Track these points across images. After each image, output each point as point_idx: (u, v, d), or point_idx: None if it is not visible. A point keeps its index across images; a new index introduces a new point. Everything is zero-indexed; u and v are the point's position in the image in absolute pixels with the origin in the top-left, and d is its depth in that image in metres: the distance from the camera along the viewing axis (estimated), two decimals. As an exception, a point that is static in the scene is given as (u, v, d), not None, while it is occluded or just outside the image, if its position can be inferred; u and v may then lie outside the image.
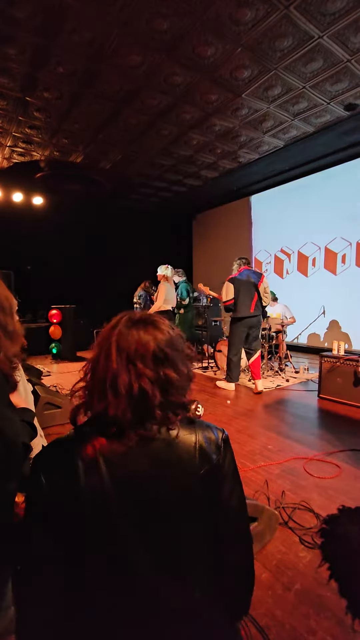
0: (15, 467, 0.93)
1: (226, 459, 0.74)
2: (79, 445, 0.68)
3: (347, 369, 3.86)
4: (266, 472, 2.45)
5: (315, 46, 3.32)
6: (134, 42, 3.26)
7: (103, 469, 0.66)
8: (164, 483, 0.68)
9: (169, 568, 0.67)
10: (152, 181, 7.06)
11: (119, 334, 0.72)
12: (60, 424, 3.41)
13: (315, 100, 4.23)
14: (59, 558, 0.66)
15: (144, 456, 0.68)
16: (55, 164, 6.12)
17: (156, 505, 0.68)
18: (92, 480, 0.65)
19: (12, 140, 5.23)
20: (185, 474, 0.70)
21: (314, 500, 2.10)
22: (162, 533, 0.68)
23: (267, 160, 6.07)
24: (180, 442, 0.71)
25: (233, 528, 0.75)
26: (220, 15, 2.96)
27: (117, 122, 4.74)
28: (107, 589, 0.65)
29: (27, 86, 3.91)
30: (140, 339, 0.71)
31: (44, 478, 0.67)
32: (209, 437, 0.74)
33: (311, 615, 1.38)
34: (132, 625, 0.66)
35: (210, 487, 0.71)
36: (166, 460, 0.69)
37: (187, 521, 0.69)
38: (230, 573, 0.75)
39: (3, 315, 0.95)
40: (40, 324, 7.09)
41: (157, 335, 0.73)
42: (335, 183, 6.14)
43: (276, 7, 2.87)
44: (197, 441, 0.72)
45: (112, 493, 0.65)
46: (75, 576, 0.66)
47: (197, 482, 0.70)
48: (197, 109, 4.45)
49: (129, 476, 0.67)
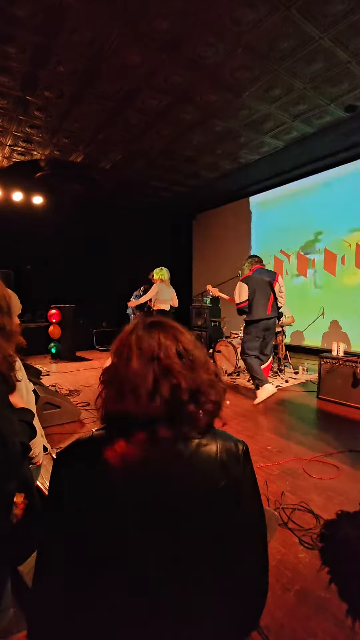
0: (14, 467, 0.93)
1: (246, 472, 0.74)
2: (100, 446, 0.69)
3: (346, 370, 3.86)
4: (266, 472, 2.45)
5: (315, 47, 3.32)
6: (134, 42, 3.26)
7: (122, 471, 0.67)
8: (182, 490, 0.68)
9: (178, 572, 0.68)
10: (152, 181, 7.06)
11: (139, 338, 0.72)
12: (59, 423, 3.40)
13: (316, 101, 4.24)
14: (73, 554, 0.68)
15: (165, 462, 0.68)
16: (56, 164, 6.12)
17: (172, 511, 0.68)
18: (112, 481, 0.67)
19: (12, 139, 5.22)
20: (203, 484, 0.69)
21: (313, 501, 2.10)
22: (174, 538, 0.68)
23: (267, 160, 6.07)
24: (202, 451, 0.71)
25: (249, 541, 0.74)
26: (221, 15, 2.96)
27: (118, 121, 4.74)
28: (117, 588, 0.66)
29: (28, 85, 3.91)
30: (161, 341, 0.71)
31: (65, 475, 0.69)
32: (229, 448, 0.73)
33: (311, 616, 1.38)
34: (136, 625, 0.67)
35: (227, 500, 0.71)
36: (186, 469, 0.69)
37: (200, 532, 0.69)
38: (243, 583, 0.74)
39: (0, 314, 0.94)
40: (39, 324, 7.08)
41: (178, 337, 0.73)
42: (335, 184, 6.15)
43: (277, 8, 2.88)
44: (217, 452, 0.72)
45: (129, 495, 0.67)
46: (85, 574, 0.67)
47: (215, 495, 0.69)
48: (198, 110, 4.45)
49: (147, 480, 0.68)
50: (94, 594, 0.67)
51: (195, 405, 0.71)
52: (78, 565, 0.68)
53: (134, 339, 0.72)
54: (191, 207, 8.99)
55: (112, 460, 0.67)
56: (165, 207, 8.82)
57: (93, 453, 0.69)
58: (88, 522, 0.67)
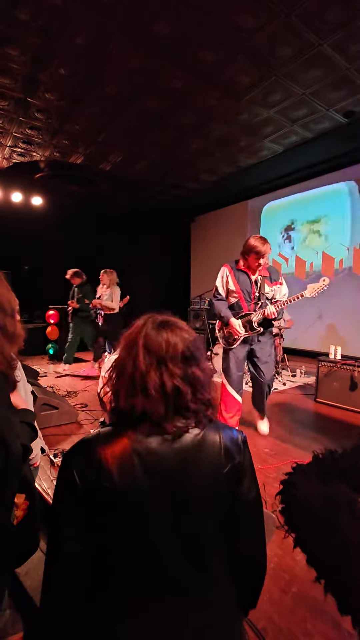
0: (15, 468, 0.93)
1: (246, 457, 0.80)
2: (110, 442, 0.73)
3: (343, 373, 3.88)
4: (263, 475, 2.46)
5: (315, 54, 3.36)
6: (135, 46, 3.29)
7: (136, 464, 0.70)
8: (192, 478, 0.73)
9: (191, 557, 0.72)
10: (152, 184, 7.08)
11: (147, 336, 0.76)
12: (57, 425, 3.40)
13: (315, 107, 4.28)
14: (88, 547, 0.71)
15: (174, 452, 0.73)
16: (55, 165, 6.13)
17: (184, 499, 0.72)
18: (125, 474, 0.70)
19: (12, 140, 5.23)
20: (211, 470, 0.75)
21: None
22: (187, 524, 0.72)
23: (266, 165, 6.11)
24: (207, 440, 0.76)
25: (251, 519, 0.81)
26: (221, 21, 2.99)
27: (118, 124, 4.76)
28: (129, 574, 0.70)
29: (29, 87, 3.92)
30: (169, 340, 0.75)
31: (77, 474, 0.71)
32: (231, 437, 0.79)
33: (308, 618, 1.39)
34: (149, 609, 0.70)
35: (232, 483, 0.77)
36: (194, 458, 0.74)
37: (210, 514, 0.75)
38: (245, 560, 0.81)
39: (3, 315, 0.95)
40: (37, 325, 7.07)
41: (184, 336, 0.78)
42: (334, 188, 6.19)
43: (277, 15, 2.91)
44: (221, 441, 0.77)
45: (144, 487, 0.70)
46: (100, 563, 0.71)
47: (221, 478, 0.75)
48: (197, 114, 4.48)
49: (160, 471, 0.72)
50: (115, 578, 0.71)
51: (197, 401, 0.76)
52: (98, 562, 0.71)
53: (142, 337, 0.76)
54: (190, 209, 9.02)
55: (124, 454, 0.71)
56: (164, 209, 8.85)
57: (103, 449, 0.72)
58: (105, 517, 0.70)
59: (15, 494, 1.01)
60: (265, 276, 3.09)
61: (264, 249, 2.89)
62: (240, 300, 3.08)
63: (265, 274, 3.10)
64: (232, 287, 3.08)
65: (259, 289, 3.07)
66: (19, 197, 6.84)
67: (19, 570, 1.47)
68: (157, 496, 0.71)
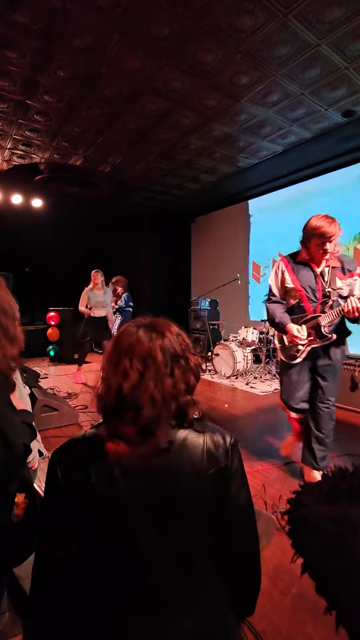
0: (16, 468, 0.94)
1: (234, 462, 0.78)
2: (94, 444, 0.72)
3: (343, 373, 3.87)
4: (263, 476, 2.45)
5: (313, 54, 3.35)
6: (134, 47, 3.29)
7: (116, 467, 0.70)
8: (174, 481, 0.72)
9: (175, 561, 0.71)
10: (151, 185, 7.09)
11: (129, 340, 0.75)
12: (57, 426, 3.40)
13: (314, 106, 4.27)
14: (74, 547, 0.71)
15: (155, 456, 0.72)
16: (55, 167, 6.14)
17: (166, 502, 0.72)
18: (105, 476, 0.70)
19: (12, 142, 5.24)
20: (193, 474, 0.73)
21: (311, 505, 2.10)
22: (170, 528, 0.72)
23: (265, 165, 6.11)
24: (189, 444, 0.74)
25: (241, 523, 0.79)
26: (219, 22, 2.99)
27: (117, 126, 4.76)
28: (112, 577, 0.70)
29: (28, 89, 3.93)
30: (150, 343, 0.74)
31: (61, 473, 0.71)
32: (216, 441, 0.77)
33: (308, 621, 1.38)
34: (137, 613, 0.70)
35: (218, 487, 0.75)
36: (176, 461, 0.73)
37: (194, 518, 0.73)
38: (238, 568, 0.79)
39: (5, 318, 0.97)
40: (37, 326, 7.08)
41: (167, 338, 0.76)
42: (333, 188, 6.18)
43: (275, 15, 2.91)
44: (204, 444, 0.75)
45: (124, 489, 0.70)
46: (86, 565, 0.71)
47: (205, 482, 0.74)
48: (196, 114, 4.48)
49: (140, 474, 0.71)
50: (98, 586, 0.70)
51: (178, 403, 0.74)
52: (82, 563, 0.70)
53: (125, 340, 0.75)
54: (190, 210, 9.02)
55: (106, 456, 0.70)
56: (164, 210, 8.85)
57: (87, 450, 0.72)
58: (87, 518, 0.70)
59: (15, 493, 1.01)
60: (335, 267, 2.34)
61: (330, 229, 2.22)
62: (303, 300, 2.34)
63: (336, 264, 2.35)
64: (290, 285, 2.37)
65: (327, 284, 2.30)
66: (19, 199, 6.85)
67: (19, 573, 1.47)
68: (137, 499, 0.70)
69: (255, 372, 5.66)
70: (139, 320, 0.80)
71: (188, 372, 0.77)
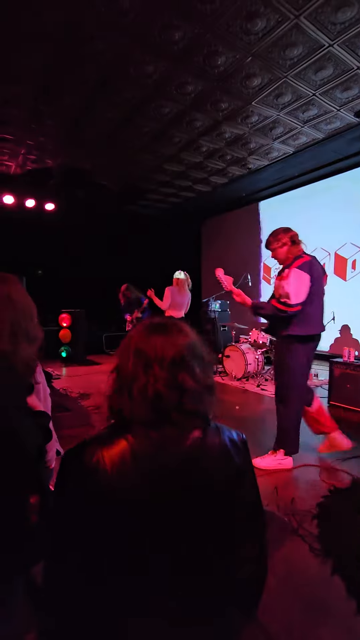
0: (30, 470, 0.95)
1: (247, 458, 0.79)
2: (107, 443, 0.72)
3: (357, 375, 3.82)
4: (275, 478, 2.44)
5: (325, 54, 3.34)
6: (146, 52, 3.33)
7: (132, 466, 0.70)
8: (189, 481, 0.72)
9: (189, 560, 0.71)
10: (162, 187, 7.13)
11: (138, 340, 0.76)
12: (69, 427, 3.44)
13: (325, 107, 4.25)
14: (84, 545, 0.70)
15: (172, 454, 0.72)
16: (67, 171, 6.23)
17: (181, 502, 0.71)
18: (121, 476, 0.69)
19: (25, 148, 5.34)
20: (210, 472, 0.74)
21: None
22: (184, 527, 0.71)
23: (276, 166, 6.09)
24: (207, 443, 0.75)
25: (251, 522, 0.79)
26: (231, 25, 3.00)
27: (129, 129, 4.82)
28: (124, 575, 0.69)
29: (41, 94, 4.00)
30: (159, 344, 0.74)
31: (74, 474, 0.71)
32: (231, 439, 0.78)
33: (320, 623, 1.37)
34: (146, 611, 0.69)
35: (231, 485, 0.76)
36: (193, 460, 0.73)
37: (208, 517, 0.73)
38: (246, 563, 0.78)
39: (25, 321, 0.98)
40: (50, 328, 7.19)
41: (177, 341, 0.75)
42: (345, 189, 6.12)
43: (287, 16, 2.91)
44: (221, 443, 0.76)
45: (138, 489, 0.70)
46: (97, 563, 0.70)
47: (220, 481, 0.74)
48: (208, 117, 4.51)
49: (156, 473, 0.71)
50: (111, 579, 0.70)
51: (182, 409, 0.73)
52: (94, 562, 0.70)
53: (133, 342, 0.76)
54: (200, 212, 9.04)
55: (120, 454, 0.70)
56: (175, 213, 8.88)
57: (99, 450, 0.71)
58: (97, 519, 0.69)
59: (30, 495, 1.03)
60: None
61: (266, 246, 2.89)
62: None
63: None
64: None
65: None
66: (32, 203, 6.97)
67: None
68: (152, 499, 0.70)
69: (266, 374, 5.63)
70: (153, 320, 0.80)
71: (209, 370, 0.77)
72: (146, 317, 5.85)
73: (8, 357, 0.91)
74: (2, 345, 0.90)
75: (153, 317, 0.82)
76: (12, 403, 0.93)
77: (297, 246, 2.70)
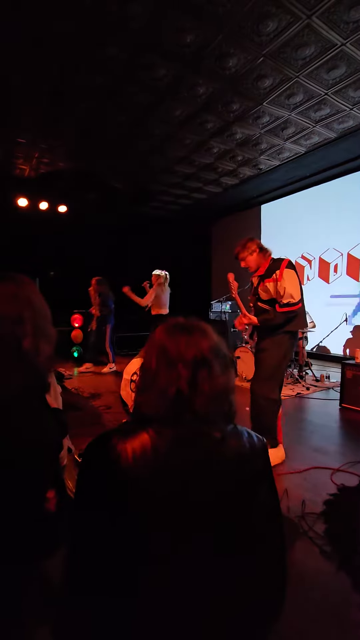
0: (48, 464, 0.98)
1: (267, 462, 0.79)
2: (129, 436, 0.72)
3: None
4: (286, 480, 2.43)
5: (337, 53, 3.32)
6: (158, 55, 3.35)
7: (151, 457, 0.70)
8: (207, 481, 0.72)
9: (203, 561, 0.70)
10: (173, 189, 7.16)
11: (165, 338, 0.77)
12: (80, 426, 3.48)
13: (338, 106, 4.21)
14: (105, 535, 0.70)
15: (191, 454, 0.72)
16: (79, 173, 6.31)
17: (198, 502, 0.71)
18: (141, 469, 0.69)
19: (39, 151, 5.43)
20: (228, 474, 0.73)
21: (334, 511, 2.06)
22: (199, 527, 0.71)
23: (287, 166, 6.05)
24: (226, 444, 0.74)
25: (270, 525, 0.79)
26: (242, 27, 3.01)
27: (141, 132, 4.86)
28: (139, 571, 0.69)
29: (54, 99, 4.07)
30: (183, 344, 0.75)
31: (95, 465, 0.72)
32: (251, 442, 0.78)
33: (331, 626, 1.36)
34: (159, 611, 0.69)
35: (250, 487, 0.75)
36: (211, 460, 0.73)
37: (224, 519, 0.73)
38: (264, 568, 0.77)
39: (43, 321, 1.02)
40: (61, 328, 7.28)
41: (200, 341, 0.76)
42: (357, 188, 6.04)
43: (298, 17, 2.90)
44: (241, 445, 0.76)
45: (158, 485, 0.69)
46: (114, 558, 0.70)
47: (238, 483, 0.74)
48: (219, 118, 4.51)
49: (174, 471, 0.71)
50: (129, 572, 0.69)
51: (202, 409, 0.73)
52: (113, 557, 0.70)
53: (158, 341, 0.77)
54: (210, 214, 9.04)
55: (140, 450, 0.70)
56: (185, 214, 8.90)
57: (121, 443, 0.71)
58: (117, 512, 0.69)
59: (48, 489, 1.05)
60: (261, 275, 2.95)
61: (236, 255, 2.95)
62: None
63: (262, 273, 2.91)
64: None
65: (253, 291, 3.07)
66: (45, 205, 7.08)
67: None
68: (169, 496, 0.70)
69: (277, 375, 5.59)
70: (179, 319, 0.81)
71: (230, 371, 0.78)
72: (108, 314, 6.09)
73: (32, 356, 0.94)
74: (26, 345, 0.93)
75: (178, 318, 0.82)
76: (37, 399, 0.97)
77: (266, 252, 2.86)
